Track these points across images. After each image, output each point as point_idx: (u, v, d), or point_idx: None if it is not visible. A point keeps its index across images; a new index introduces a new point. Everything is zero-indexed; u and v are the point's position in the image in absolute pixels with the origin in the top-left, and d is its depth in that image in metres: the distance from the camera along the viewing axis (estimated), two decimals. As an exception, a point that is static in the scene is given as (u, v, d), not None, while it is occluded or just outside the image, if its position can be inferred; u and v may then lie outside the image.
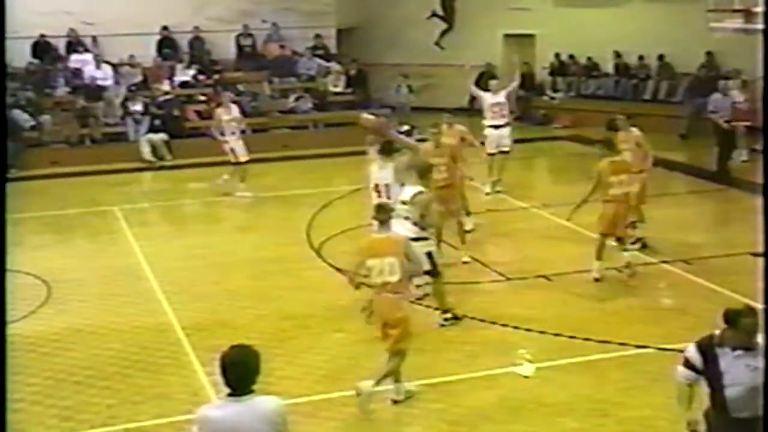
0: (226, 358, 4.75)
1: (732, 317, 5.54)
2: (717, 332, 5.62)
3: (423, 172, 9.69)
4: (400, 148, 10.55)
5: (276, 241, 13.41)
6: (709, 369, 5.56)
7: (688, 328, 9.42)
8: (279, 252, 12.73)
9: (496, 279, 11.23)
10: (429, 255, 9.48)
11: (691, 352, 5.67)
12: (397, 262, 7.79)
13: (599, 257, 10.95)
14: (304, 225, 13.88)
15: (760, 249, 11.65)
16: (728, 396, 5.51)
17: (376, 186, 10.20)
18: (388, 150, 10.27)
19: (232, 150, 16.25)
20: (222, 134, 16.21)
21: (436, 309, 9.90)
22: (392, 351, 7.92)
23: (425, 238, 9.49)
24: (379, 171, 10.24)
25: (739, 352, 5.49)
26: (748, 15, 13.62)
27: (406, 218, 9.33)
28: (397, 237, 8.10)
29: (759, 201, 14.57)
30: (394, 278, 7.80)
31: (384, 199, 9.83)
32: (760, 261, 11.08)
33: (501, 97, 15.84)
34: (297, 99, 21.35)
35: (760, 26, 13.57)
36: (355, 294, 8.50)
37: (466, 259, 11.75)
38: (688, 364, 5.68)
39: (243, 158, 16.26)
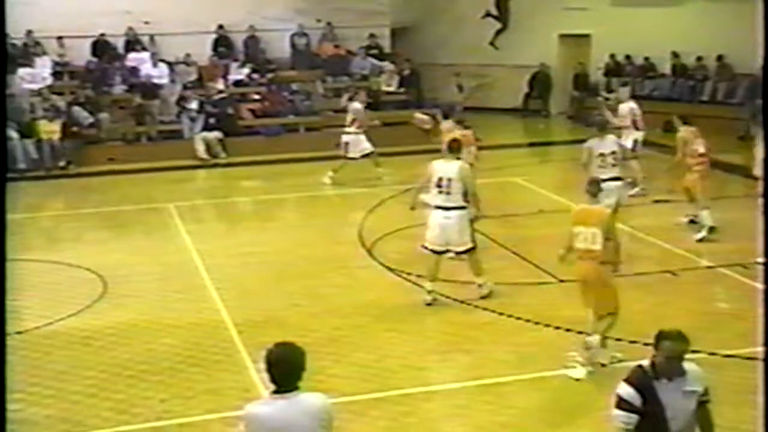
0: (271, 356, 4.80)
1: (657, 340, 5.10)
2: (645, 363, 5.14)
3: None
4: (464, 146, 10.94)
5: (328, 240, 13.48)
6: (649, 405, 5.02)
7: (743, 334, 9.28)
8: (331, 251, 12.79)
9: (548, 280, 11.14)
10: None
11: (625, 390, 5.10)
12: (600, 232, 8.39)
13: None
14: (356, 224, 13.93)
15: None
16: (673, 431, 5.05)
17: (440, 180, 10.30)
18: (455, 148, 10.61)
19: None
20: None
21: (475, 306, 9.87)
22: (598, 314, 8.53)
23: None
24: (444, 165, 10.39)
25: (674, 380, 5.04)
26: (811, 14, 13.28)
27: None
28: (602, 209, 8.73)
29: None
30: (596, 246, 8.39)
31: (446, 194, 10.21)
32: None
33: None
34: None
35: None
36: (407, 294, 8.50)
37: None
38: (624, 405, 5.08)
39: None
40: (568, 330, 9.53)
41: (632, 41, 22.76)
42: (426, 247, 10.47)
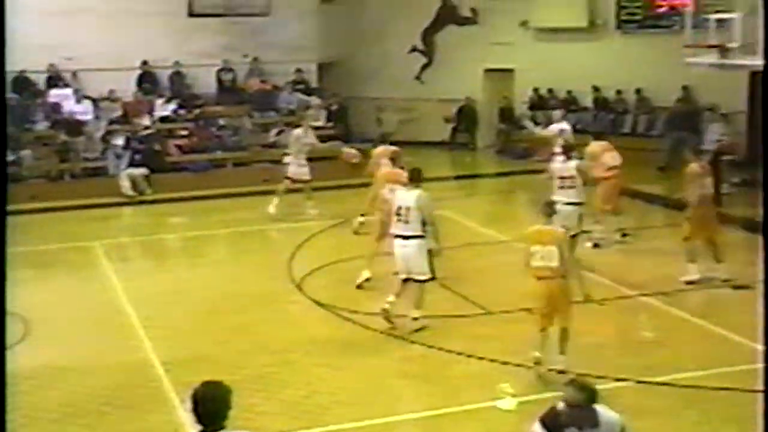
0: (197, 394, 4.76)
1: (563, 386, 5.04)
2: (560, 406, 5.10)
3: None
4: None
5: (257, 276, 13.40)
6: None
7: (668, 361, 9.50)
8: (260, 287, 12.71)
9: (477, 312, 11.24)
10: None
11: (537, 428, 5.12)
12: (556, 249, 8.87)
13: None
14: (285, 259, 13.88)
15: (741, 282, 11.78)
16: None
17: (399, 208, 10.51)
18: (416, 177, 10.77)
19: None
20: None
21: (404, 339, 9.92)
22: (561, 327, 9.15)
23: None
24: (405, 194, 10.63)
25: (584, 429, 4.95)
26: (723, 50, 13.85)
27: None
28: (556, 230, 9.18)
29: (741, 234, 14.82)
30: (554, 263, 8.89)
31: (404, 222, 10.41)
32: (742, 294, 11.26)
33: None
34: (278, 133, 21.42)
35: (736, 62, 13.81)
36: (337, 329, 8.50)
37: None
38: None
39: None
40: (497, 362, 9.60)
41: (555, 75, 23.29)
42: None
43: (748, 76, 19.18)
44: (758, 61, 13.29)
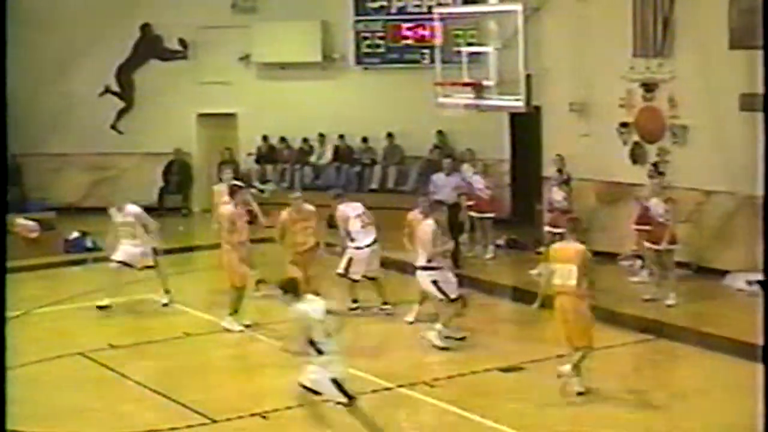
0: None
1: None
2: None
3: None
4: None
5: None
6: None
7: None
8: None
9: (200, 422, 11.15)
10: None
11: None
12: (575, 268, 11.10)
13: None
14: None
15: (509, 363, 12.49)
16: None
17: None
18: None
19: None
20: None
21: None
22: (573, 346, 11.39)
23: None
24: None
25: None
26: (478, 89, 14.69)
27: None
28: (579, 247, 11.35)
29: (507, 305, 15.60)
30: (572, 282, 11.12)
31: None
32: (510, 376, 11.92)
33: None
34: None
35: (493, 102, 14.71)
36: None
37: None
38: None
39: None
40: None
41: (287, 120, 23.60)
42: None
43: (508, 119, 20.56)
44: (518, 102, 14.31)
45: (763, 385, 5.84)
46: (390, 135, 22.89)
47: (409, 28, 22.58)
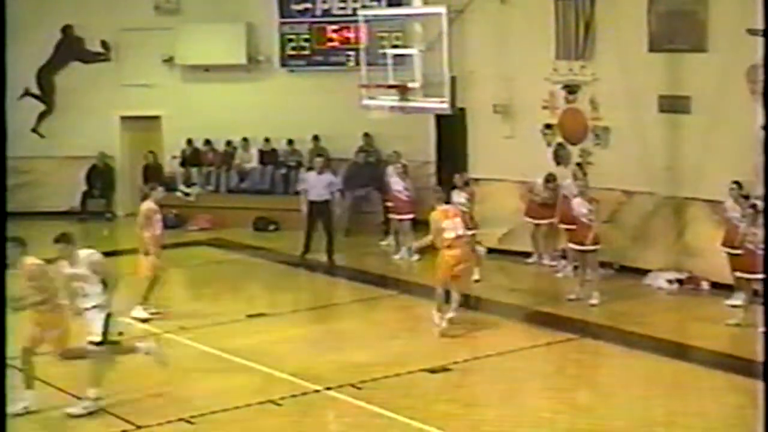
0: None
1: None
2: None
3: None
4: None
5: None
6: None
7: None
8: None
9: (124, 428, 11.03)
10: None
11: None
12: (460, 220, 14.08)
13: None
14: None
15: (432, 364, 12.54)
16: None
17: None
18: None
19: None
20: None
21: None
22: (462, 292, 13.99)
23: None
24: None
25: None
26: (403, 91, 14.77)
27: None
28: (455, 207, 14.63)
29: (432, 306, 15.66)
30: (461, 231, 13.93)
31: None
32: (437, 377, 11.99)
33: None
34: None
35: (418, 104, 14.80)
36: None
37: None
38: None
39: None
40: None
41: (212, 123, 23.44)
42: None
43: (434, 121, 20.67)
44: (443, 104, 14.40)
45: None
46: (316, 137, 22.89)
47: (334, 31, 22.65)
